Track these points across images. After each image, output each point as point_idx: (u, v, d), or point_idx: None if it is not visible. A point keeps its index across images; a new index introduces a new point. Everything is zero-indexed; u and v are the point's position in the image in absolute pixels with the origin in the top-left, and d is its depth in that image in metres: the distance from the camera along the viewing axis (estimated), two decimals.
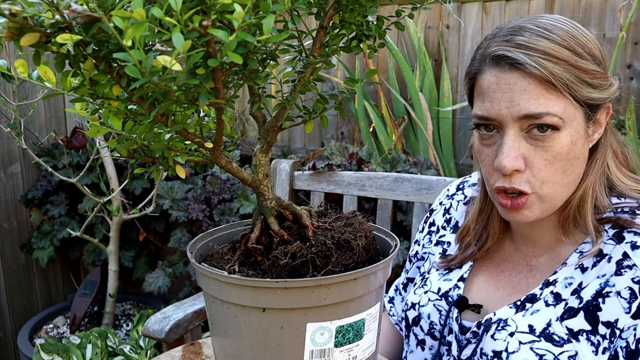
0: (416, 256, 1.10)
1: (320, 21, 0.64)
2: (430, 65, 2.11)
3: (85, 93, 0.54)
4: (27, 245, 2.48)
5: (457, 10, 2.09)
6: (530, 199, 0.78)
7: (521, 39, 0.75)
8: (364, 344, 0.67)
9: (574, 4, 1.90)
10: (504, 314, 0.83)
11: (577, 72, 0.74)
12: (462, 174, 2.08)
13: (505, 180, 0.78)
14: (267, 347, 0.63)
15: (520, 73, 0.74)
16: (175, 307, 1.41)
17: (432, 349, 0.93)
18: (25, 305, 2.59)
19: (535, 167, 0.76)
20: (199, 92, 0.51)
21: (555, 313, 0.79)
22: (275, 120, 0.68)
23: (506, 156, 0.76)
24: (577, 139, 0.77)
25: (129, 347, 1.96)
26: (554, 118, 0.74)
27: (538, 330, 0.79)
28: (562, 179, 0.78)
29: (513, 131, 0.76)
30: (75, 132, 2.48)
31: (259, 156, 0.70)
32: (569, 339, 0.77)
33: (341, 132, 2.44)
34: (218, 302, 0.65)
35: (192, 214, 2.09)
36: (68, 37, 0.45)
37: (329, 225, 0.70)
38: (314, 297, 0.60)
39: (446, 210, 1.06)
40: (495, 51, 0.76)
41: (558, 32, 0.76)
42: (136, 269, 2.53)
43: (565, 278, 0.81)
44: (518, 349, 0.79)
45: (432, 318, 0.93)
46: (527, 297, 0.83)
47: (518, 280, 0.89)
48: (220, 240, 0.77)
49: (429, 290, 0.96)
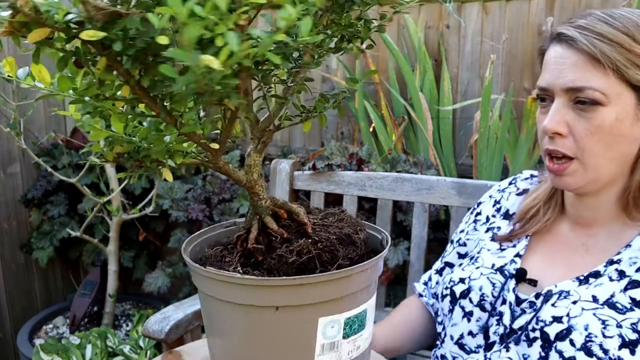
0: (459, 241, 1.15)
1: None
2: (431, 65, 2.10)
3: (94, 93, 0.52)
4: (27, 245, 2.48)
5: (457, 10, 2.09)
6: (573, 166, 0.85)
7: (583, 21, 0.84)
8: (365, 333, 0.69)
9: (574, 4, 1.89)
10: (566, 286, 0.87)
11: (630, 55, 0.80)
12: (463, 174, 2.08)
13: (550, 142, 0.86)
14: (279, 344, 0.64)
15: (573, 50, 0.83)
16: (175, 307, 1.41)
17: (480, 320, 0.95)
18: (25, 306, 2.59)
19: (577, 135, 0.83)
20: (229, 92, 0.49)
21: (619, 286, 0.84)
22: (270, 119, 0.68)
23: (550, 118, 0.85)
24: (623, 117, 0.82)
25: (128, 347, 1.96)
26: (595, 93, 0.81)
27: (601, 300, 0.83)
28: (604, 152, 0.83)
29: (561, 100, 0.84)
30: (75, 132, 2.47)
31: (254, 156, 0.69)
32: (632, 308, 0.81)
33: (341, 132, 2.44)
34: (226, 304, 0.64)
35: (192, 214, 2.09)
36: (93, 33, 0.42)
37: (324, 222, 0.71)
38: (327, 292, 0.62)
39: (496, 201, 1.12)
40: (558, 30, 0.87)
41: (622, 19, 0.83)
42: (136, 269, 2.52)
43: (630, 258, 0.85)
44: (580, 313, 0.82)
45: (484, 290, 0.96)
46: (591, 273, 0.87)
47: (574, 259, 0.93)
48: (209, 243, 0.77)
49: (481, 266, 1.00)
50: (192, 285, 2.25)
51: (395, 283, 1.88)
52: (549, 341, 0.83)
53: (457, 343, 0.98)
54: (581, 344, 0.79)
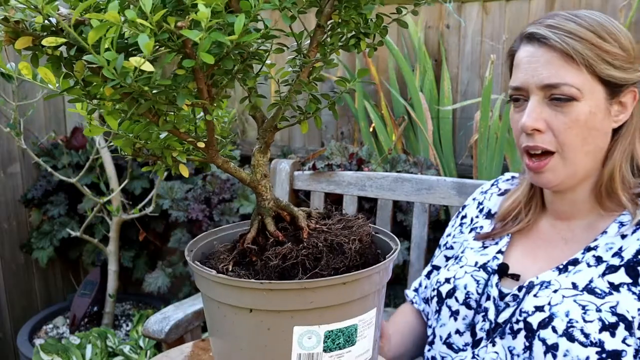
0: (445, 245, 1.16)
1: (318, 20, 0.64)
2: (430, 65, 2.10)
3: (78, 94, 0.54)
4: (27, 245, 2.48)
5: (457, 10, 2.09)
6: (553, 161, 0.87)
7: (551, 21, 0.87)
8: (356, 350, 0.65)
9: (574, 4, 1.89)
10: (547, 276, 0.89)
11: (598, 51, 0.84)
12: (463, 174, 2.08)
13: (529, 139, 0.88)
14: (255, 348, 0.63)
15: (545, 48, 0.86)
16: (175, 307, 1.41)
17: (466, 318, 0.97)
18: (25, 306, 2.59)
19: (555, 129, 0.86)
20: (177, 93, 0.51)
21: (597, 272, 0.86)
22: (272, 120, 0.68)
23: (527, 116, 0.87)
24: (596, 111, 0.86)
25: (128, 347, 1.96)
26: (571, 89, 0.84)
27: (581, 286, 0.85)
28: (582, 145, 0.86)
29: (537, 98, 0.87)
30: (75, 132, 2.47)
31: (257, 156, 0.70)
32: (610, 292, 0.83)
33: (341, 132, 2.44)
34: (210, 300, 0.65)
35: (192, 214, 2.09)
36: (53, 40, 0.46)
37: (326, 228, 0.69)
38: (300, 300, 0.60)
39: (480, 203, 1.14)
40: (527, 30, 0.89)
41: (587, 19, 0.86)
42: (136, 269, 2.52)
43: (606, 244, 0.88)
44: (561, 301, 0.84)
45: (469, 288, 0.97)
46: (569, 262, 0.90)
47: (554, 252, 0.95)
48: (225, 240, 0.77)
49: (465, 265, 1.01)
50: (192, 285, 2.25)
51: (395, 283, 1.88)
52: (532, 330, 0.84)
53: (446, 343, 0.99)
54: (563, 330, 0.81)
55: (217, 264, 0.66)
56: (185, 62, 0.49)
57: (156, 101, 0.53)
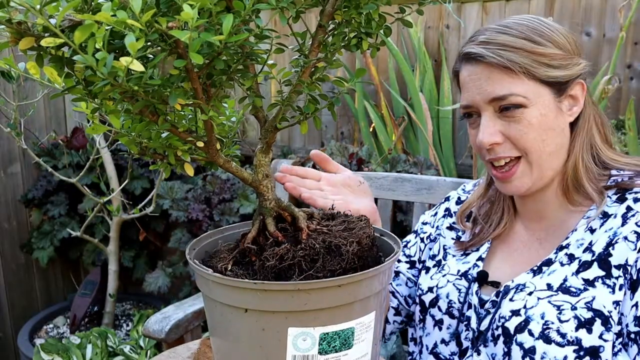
0: (429, 237, 1.13)
1: (319, 20, 0.64)
2: (430, 65, 2.11)
3: (80, 93, 0.54)
4: (27, 245, 2.48)
5: (457, 10, 2.09)
6: (521, 167, 0.89)
7: (483, 37, 0.89)
8: (353, 354, 0.64)
9: (573, 4, 1.90)
10: (522, 279, 0.89)
11: (534, 57, 0.86)
12: (462, 174, 2.08)
13: (490, 153, 0.90)
14: (250, 348, 0.63)
15: (483, 64, 0.88)
16: (175, 307, 1.41)
17: (450, 327, 0.97)
18: (25, 305, 2.59)
19: (513, 138, 0.87)
20: (169, 93, 0.52)
21: (570, 270, 0.86)
22: (273, 120, 0.68)
23: (482, 132, 0.89)
24: (547, 112, 0.87)
25: (129, 347, 1.96)
26: (517, 97, 0.86)
27: (555, 286, 0.85)
28: (542, 147, 0.87)
29: (488, 113, 0.89)
30: (75, 132, 2.48)
31: (259, 156, 0.70)
32: (585, 288, 0.83)
33: (341, 132, 2.44)
34: (209, 299, 0.65)
35: (192, 214, 2.09)
36: (51, 40, 0.46)
37: (326, 229, 0.68)
38: (294, 302, 0.59)
39: (462, 201, 1.13)
40: (464, 50, 0.91)
41: (517, 27, 0.88)
42: (136, 269, 2.53)
43: (577, 240, 0.89)
44: (536, 303, 0.84)
45: (451, 297, 0.97)
46: (543, 262, 0.90)
47: (530, 254, 0.95)
48: (230, 239, 0.76)
49: (447, 274, 1.01)
50: (192, 285, 2.25)
51: None
52: (510, 335, 0.84)
53: (432, 353, 0.99)
54: (539, 333, 0.81)
55: (217, 263, 0.66)
56: (177, 62, 0.50)
57: (149, 100, 0.53)
